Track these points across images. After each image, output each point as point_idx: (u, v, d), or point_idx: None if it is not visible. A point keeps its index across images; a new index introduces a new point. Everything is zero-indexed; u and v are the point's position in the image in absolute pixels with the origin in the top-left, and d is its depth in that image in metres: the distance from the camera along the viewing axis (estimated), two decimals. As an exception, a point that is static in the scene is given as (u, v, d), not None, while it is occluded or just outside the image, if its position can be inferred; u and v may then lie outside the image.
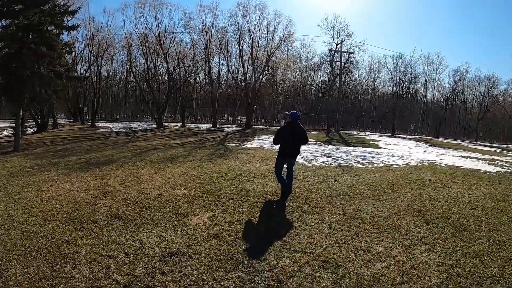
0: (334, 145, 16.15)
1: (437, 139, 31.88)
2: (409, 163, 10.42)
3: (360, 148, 14.74)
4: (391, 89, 42.90)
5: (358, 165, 9.67)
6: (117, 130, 21.64)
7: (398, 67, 33.40)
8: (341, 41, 27.50)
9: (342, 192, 6.20)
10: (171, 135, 17.32)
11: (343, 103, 34.90)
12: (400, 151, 14.83)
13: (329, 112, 29.34)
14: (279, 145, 5.83)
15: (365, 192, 6.26)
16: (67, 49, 12.44)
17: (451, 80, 41.70)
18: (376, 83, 40.52)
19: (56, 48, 10.79)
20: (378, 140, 21.01)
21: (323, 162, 9.92)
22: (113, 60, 34.00)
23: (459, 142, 29.98)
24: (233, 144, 13.50)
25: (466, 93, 45.71)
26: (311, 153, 11.80)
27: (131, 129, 22.03)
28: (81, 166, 8.26)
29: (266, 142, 14.31)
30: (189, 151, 10.96)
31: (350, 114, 37.91)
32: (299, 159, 9.91)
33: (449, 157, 12.90)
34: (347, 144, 16.85)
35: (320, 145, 15.34)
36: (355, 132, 31.36)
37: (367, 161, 10.56)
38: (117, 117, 34.33)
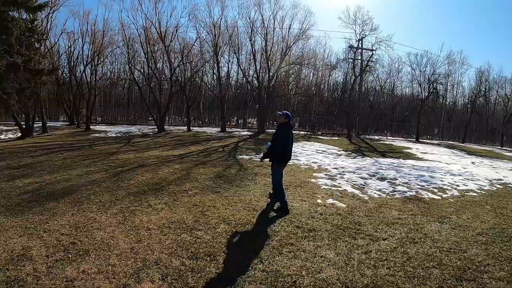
0: (367, 155, 12.94)
1: (463, 144, 28.27)
2: (482, 186, 7.55)
3: (403, 161, 11.49)
4: (409, 90, 39.46)
5: (427, 193, 6.60)
6: (113, 135, 18.75)
7: (423, 66, 29.88)
8: (361, 37, 24.16)
9: (460, 275, 3.02)
10: (171, 143, 14.30)
11: (363, 105, 31.46)
12: (448, 163, 11.83)
13: (348, 114, 25.99)
14: (277, 150, 4.95)
15: (493, 268, 3.08)
16: (36, 37, 9.46)
17: (472, 81, 37.62)
18: (396, 84, 36.86)
19: (10, 31, 7.81)
20: (409, 148, 17.73)
21: (379, 191, 6.71)
22: (115, 58, 31.33)
23: (489, 148, 26.31)
24: (247, 157, 10.37)
25: (489, 94, 41.75)
26: (353, 171, 8.60)
27: (129, 134, 19.11)
28: (20, 201, 5.25)
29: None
30: (188, 169, 7.86)
31: (367, 116, 34.52)
32: (347, 187, 6.79)
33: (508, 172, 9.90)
34: (383, 155, 13.60)
35: (352, 156, 12.14)
36: (376, 137, 28.03)
37: (431, 184, 7.47)
38: (119, 119, 31.58)
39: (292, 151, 5.38)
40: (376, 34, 30.24)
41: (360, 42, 24.63)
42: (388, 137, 29.01)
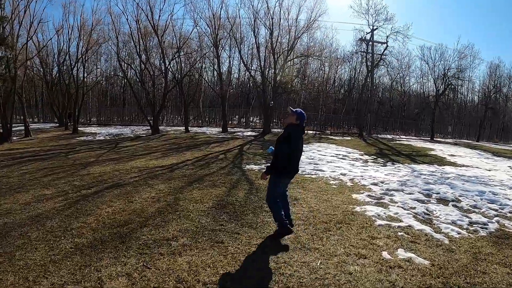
0: (396, 160, 10.72)
1: (478, 143, 25.92)
2: None
3: (442, 169, 9.42)
4: (418, 87, 37.02)
5: (510, 222, 4.40)
6: (101, 138, 16.48)
7: (437, 60, 27.43)
8: (373, 28, 21.79)
9: None
10: (164, 148, 12.01)
11: (373, 101, 29.08)
12: (487, 169, 9.85)
13: (359, 112, 23.68)
14: (280, 157, 3.59)
15: None
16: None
17: (483, 76, 34.91)
18: (406, 79, 34.40)
19: None
20: (432, 149, 15.55)
21: (454, 224, 4.66)
22: (110, 55, 28.99)
23: (508, 147, 24.02)
24: (257, 167, 8.07)
25: (501, 90, 39.24)
26: (400, 189, 6.38)
27: (119, 137, 16.83)
28: None
29: (305, 161, 8.82)
30: (178, 193, 5.56)
31: (376, 114, 32.15)
32: (409, 220, 4.57)
33: None
34: (412, 159, 11.38)
35: (381, 163, 9.89)
36: (388, 136, 25.75)
37: (505, 207, 5.79)
38: (115, 119, 29.28)
39: (309, 157, 3.84)
40: (392, 24, 27.77)
41: (371, 33, 22.27)
42: (401, 136, 26.70)
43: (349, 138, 20.04)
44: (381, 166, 9.54)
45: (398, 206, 5.32)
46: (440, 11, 59.20)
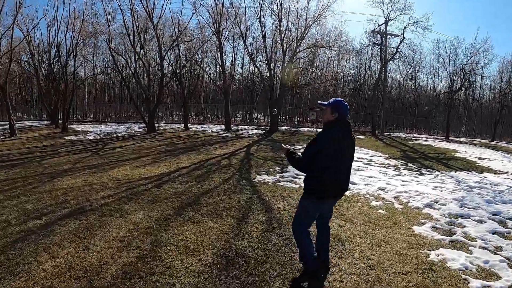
0: (428, 166, 9.02)
1: (494, 143, 23.93)
2: None
3: (487, 178, 7.86)
4: (429, 83, 34.85)
5: None
6: (91, 137, 14.71)
7: (453, 55, 25.33)
8: (387, 19, 19.79)
9: None
10: (157, 150, 10.20)
11: (386, 98, 27.06)
12: None
13: (372, 109, 21.73)
14: (311, 172, 2.59)
15: None
16: None
17: (500, 72, 32.48)
18: (417, 74, 32.23)
19: None
20: (455, 151, 13.88)
21: None
22: (105, 49, 27.05)
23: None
24: (271, 178, 6.26)
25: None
26: (467, 214, 4.66)
27: (112, 136, 15.07)
28: None
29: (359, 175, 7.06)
30: (160, 230, 3.74)
31: (386, 111, 30.15)
32: (510, 273, 2.66)
33: None
34: (445, 165, 9.63)
35: (415, 171, 8.14)
36: (402, 135, 23.88)
37: None
38: (112, 116, 27.51)
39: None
40: (410, 13, 25.67)
41: (386, 24, 20.27)
42: (415, 135, 24.78)
43: (362, 137, 18.22)
44: (418, 174, 7.75)
45: (480, 247, 3.65)
46: (455, 1, 56.52)
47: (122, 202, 4.63)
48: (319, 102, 2.90)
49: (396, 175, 7.53)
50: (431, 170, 8.50)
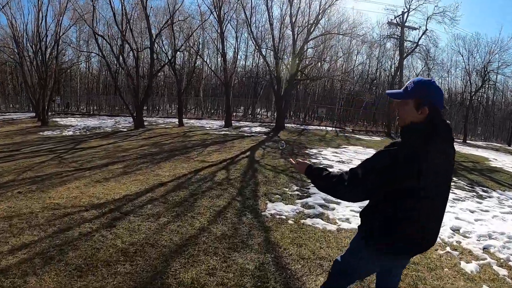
0: (476, 182, 6.74)
1: (511, 147, 21.65)
2: None
3: None
4: (441, 82, 32.33)
5: None
6: (70, 132, 12.56)
7: (475, 52, 22.92)
8: (408, 9, 17.38)
9: None
10: (136, 153, 7.98)
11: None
12: None
13: (389, 108, 19.46)
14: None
15: None
16: None
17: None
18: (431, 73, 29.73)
19: None
20: (486, 158, 11.82)
21: None
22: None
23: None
24: (290, 209, 4.07)
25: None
26: None
27: (94, 131, 12.89)
28: None
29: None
30: None
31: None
32: None
33: None
34: (491, 179, 7.52)
35: (470, 191, 5.96)
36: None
37: None
38: (105, 108, 25.31)
39: None
40: (435, 3, 23.19)
41: (406, 15, 17.86)
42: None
43: (378, 138, 16.03)
44: (477, 197, 5.64)
45: None
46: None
47: (36, 265, 2.45)
48: (387, 91, 1.55)
49: (453, 198, 5.37)
50: (485, 189, 6.33)
